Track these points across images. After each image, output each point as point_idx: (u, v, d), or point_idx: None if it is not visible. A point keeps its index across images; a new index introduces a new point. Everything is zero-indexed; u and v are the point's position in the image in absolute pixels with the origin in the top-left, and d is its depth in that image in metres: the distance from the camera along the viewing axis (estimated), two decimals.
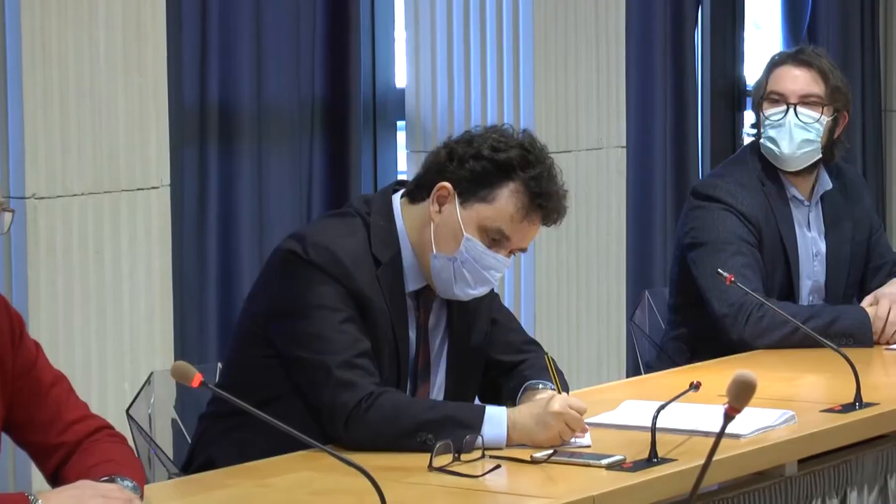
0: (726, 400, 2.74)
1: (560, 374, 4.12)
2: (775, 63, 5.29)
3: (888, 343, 5.06)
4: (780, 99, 5.21)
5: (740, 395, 2.69)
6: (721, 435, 2.74)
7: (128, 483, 3.26)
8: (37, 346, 3.45)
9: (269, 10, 6.26)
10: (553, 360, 4.17)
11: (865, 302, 5.18)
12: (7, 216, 3.25)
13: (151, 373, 4.37)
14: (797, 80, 5.22)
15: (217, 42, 6.15)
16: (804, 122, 5.17)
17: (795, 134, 5.17)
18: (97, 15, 5.19)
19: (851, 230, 5.36)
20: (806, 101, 5.19)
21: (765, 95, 5.24)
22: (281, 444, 3.72)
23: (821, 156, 5.23)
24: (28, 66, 5.03)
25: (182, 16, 5.93)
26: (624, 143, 7.04)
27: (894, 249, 5.63)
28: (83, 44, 5.16)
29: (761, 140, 5.22)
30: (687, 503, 2.91)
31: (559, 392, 3.98)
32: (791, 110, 5.17)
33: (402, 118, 6.82)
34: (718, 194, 5.19)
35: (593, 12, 6.84)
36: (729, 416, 2.72)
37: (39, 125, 5.07)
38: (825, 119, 5.19)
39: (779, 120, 5.18)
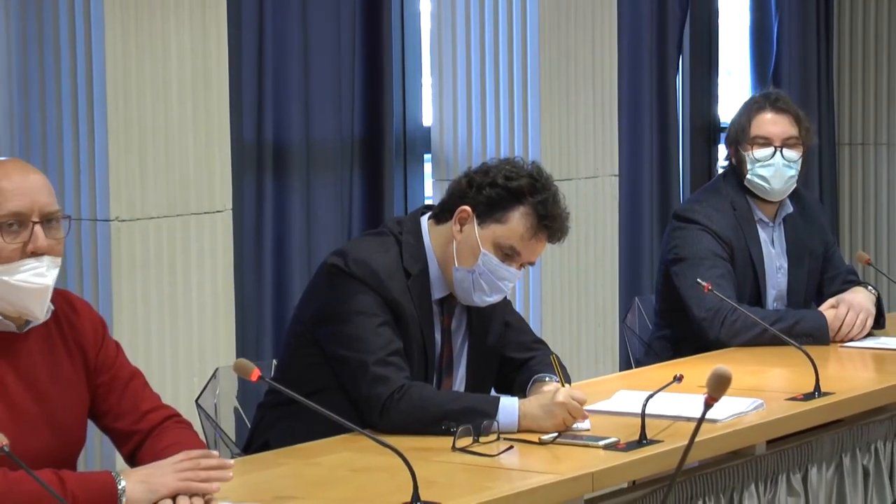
0: (706, 390, 2.73)
1: (563, 368, 4.10)
2: (755, 109, 5.24)
3: (843, 341, 5.05)
4: (765, 142, 5.18)
5: (718, 386, 2.68)
6: (702, 420, 2.72)
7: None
8: (117, 346, 3.45)
9: (315, 60, 6.26)
10: (557, 357, 4.15)
11: (826, 305, 5.15)
12: (65, 223, 3.24)
13: (216, 369, 4.36)
14: (779, 125, 5.20)
15: (271, 88, 6.15)
16: (789, 162, 5.16)
17: (783, 172, 5.16)
18: (171, 64, 5.19)
19: (809, 247, 5.35)
20: (787, 143, 5.18)
21: (750, 140, 5.20)
22: (326, 429, 3.71)
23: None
24: (112, 109, 5.02)
25: (242, 65, 5.93)
26: (617, 172, 7.03)
27: (846, 262, 5.62)
28: (159, 89, 5.16)
29: (749, 177, 5.18)
30: (672, 478, 2.89)
31: (563, 384, 3.96)
32: (778, 152, 5.15)
33: (429, 152, 6.81)
34: (696, 217, 5.18)
35: (590, 60, 6.83)
36: (708, 404, 2.71)
37: (122, 159, 5.07)
38: (801, 158, 5.20)
39: (768, 160, 5.16)
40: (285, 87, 6.19)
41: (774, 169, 5.15)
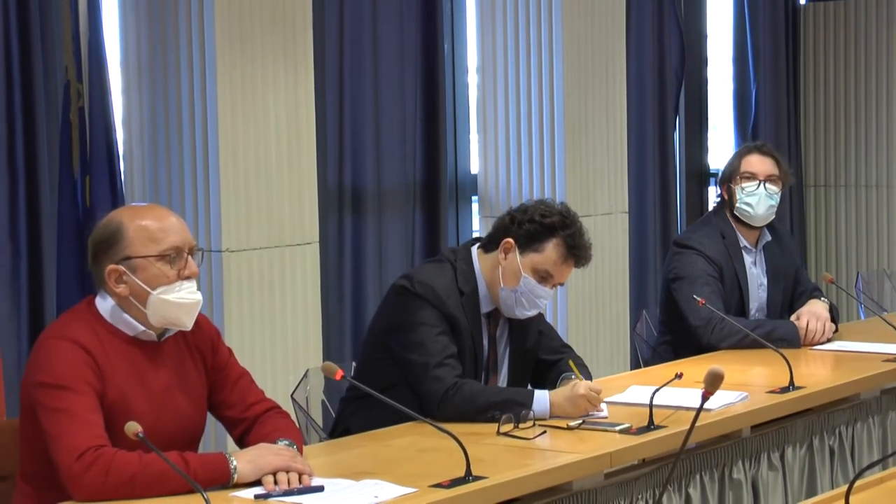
0: (703, 385, 2.71)
1: (585, 367, 4.10)
2: (744, 153, 5.27)
3: (811, 345, 5.01)
4: (752, 177, 5.17)
5: (713, 382, 2.67)
6: (700, 410, 2.71)
7: (288, 442, 3.25)
8: (229, 350, 3.46)
9: (384, 120, 6.27)
10: (580, 358, 4.16)
11: (793, 317, 5.13)
12: (199, 254, 3.27)
13: (307, 370, 4.37)
14: (763, 164, 5.19)
15: (349, 143, 6.16)
16: (770, 193, 5.14)
17: (765, 201, 5.14)
18: (270, 126, 5.22)
19: (784, 268, 5.32)
20: (770, 178, 5.17)
21: (740, 174, 5.19)
22: (395, 418, 3.69)
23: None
24: (224, 162, 5.06)
25: (326, 126, 5.95)
26: (626, 210, 7.02)
27: (812, 281, 5.58)
28: (261, 146, 5.19)
29: (738, 205, 5.16)
30: (676, 457, 2.88)
31: (584, 380, 3.95)
32: (762, 185, 5.14)
33: (476, 194, 6.81)
34: (692, 244, 5.15)
35: (605, 120, 6.83)
36: (705, 397, 2.70)
37: (231, 202, 5.09)
38: (781, 192, 5.19)
39: (754, 191, 5.14)
40: (361, 143, 6.21)
41: (758, 198, 5.13)
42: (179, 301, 3.20)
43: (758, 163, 5.19)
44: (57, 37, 4.92)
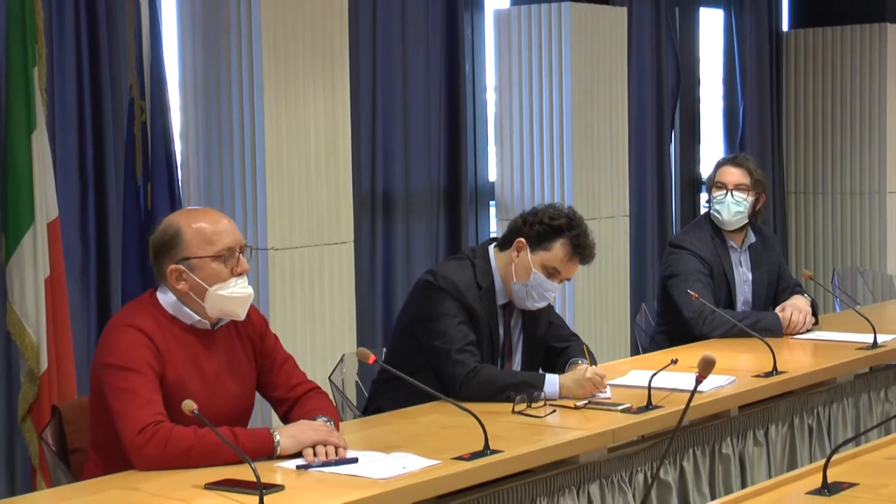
0: (697, 370, 2.69)
1: (591, 353, 4.08)
2: (720, 165, 5.24)
3: (791, 335, 4.99)
4: (722, 186, 5.15)
5: (706, 367, 2.65)
6: (694, 392, 2.69)
7: (326, 419, 3.25)
8: (275, 337, 3.45)
9: (412, 133, 6.28)
10: (587, 345, 4.14)
11: (778, 309, 5.10)
12: (247, 252, 3.27)
13: (343, 355, 4.36)
14: (733, 174, 5.16)
15: (381, 153, 6.17)
16: (737, 200, 5.11)
17: (732, 207, 5.11)
18: (310, 137, 5.22)
19: (767, 266, 5.29)
20: (738, 187, 5.13)
21: (714, 184, 5.19)
22: (421, 398, 3.70)
23: (747, 221, 5.18)
24: (269, 169, 5.06)
25: (360, 137, 5.96)
26: (627, 213, 7.00)
27: (793, 277, 5.56)
28: (302, 155, 5.19)
29: (711, 211, 5.17)
30: (672, 433, 2.86)
31: (590, 365, 3.93)
32: (729, 193, 5.12)
33: (493, 199, 6.80)
34: (685, 244, 5.13)
35: (608, 134, 6.82)
36: (698, 380, 2.68)
37: (276, 205, 5.10)
38: (750, 199, 5.14)
39: (721, 199, 5.12)
40: (391, 153, 6.22)
41: (725, 205, 5.10)
42: (233, 295, 3.20)
43: (727, 173, 5.17)
44: (123, 60, 4.95)
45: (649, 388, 3.73)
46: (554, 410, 3.67)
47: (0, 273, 4.39)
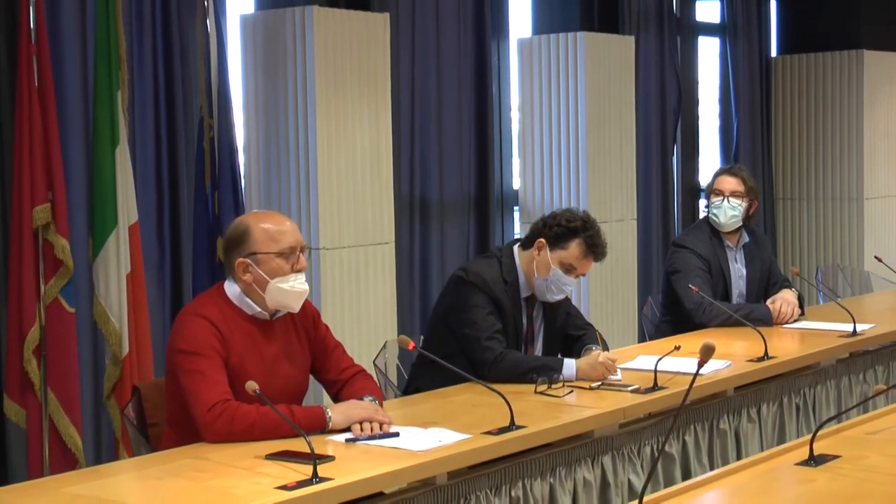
0: (698, 355, 2.66)
1: (604, 340, 4.07)
2: (718, 174, 5.21)
3: (781, 324, 4.95)
4: (719, 193, 5.12)
5: (707, 353, 2.61)
6: (696, 375, 2.66)
7: (371, 398, 3.24)
8: (327, 327, 3.45)
9: (446, 144, 6.27)
10: (600, 333, 4.12)
11: (768, 301, 5.06)
12: (307, 252, 3.26)
13: (385, 342, 4.36)
14: (729, 182, 5.12)
15: (419, 162, 6.16)
16: (732, 206, 5.07)
17: (728, 212, 5.07)
18: (357, 149, 5.22)
19: (760, 263, 5.25)
20: (734, 194, 5.10)
21: (712, 191, 5.16)
22: (454, 380, 3.68)
23: (742, 223, 5.14)
24: (321, 178, 5.06)
25: (400, 148, 5.95)
26: (635, 217, 6.97)
27: (782, 273, 5.51)
28: (350, 165, 5.19)
29: (709, 215, 5.14)
30: (677, 412, 2.83)
31: (603, 350, 3.91)
32: (725, 199, 5.08)
33: (517, 205, 6.79)
34: (686, 244, 5.10)
35: (618, 147, 6.79)
36: (700, 364, 2.65)
37: (326, 209, 5.10)
38: (744, 204, 5.10)
39: (719, 204, 5.09)
40: (427, 164, 6.21)
41: (722, 210, 5.07)
42: (292, 289, 3.19)
43: (724, 182, 5.14)
44: (194, 84, 4.97)
45: (655, 371, 3.71)
46: (571, 391, 3.65)
47: (88, 270, 4.42)
